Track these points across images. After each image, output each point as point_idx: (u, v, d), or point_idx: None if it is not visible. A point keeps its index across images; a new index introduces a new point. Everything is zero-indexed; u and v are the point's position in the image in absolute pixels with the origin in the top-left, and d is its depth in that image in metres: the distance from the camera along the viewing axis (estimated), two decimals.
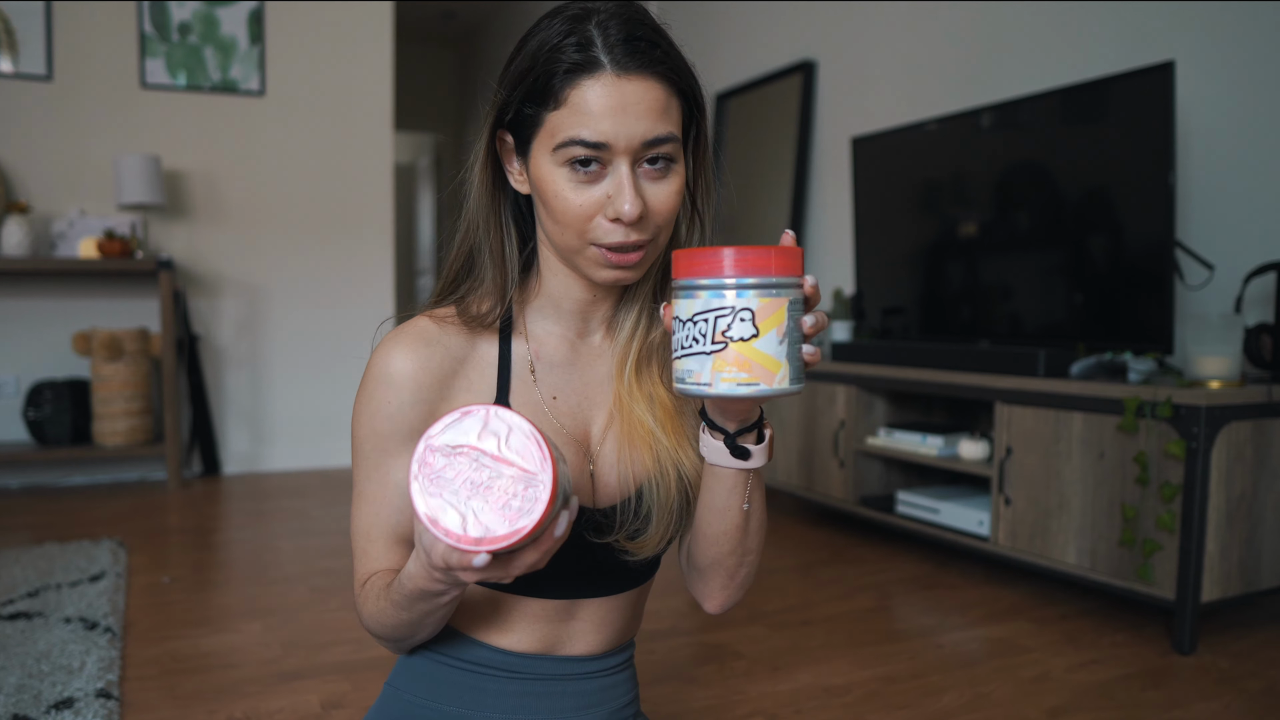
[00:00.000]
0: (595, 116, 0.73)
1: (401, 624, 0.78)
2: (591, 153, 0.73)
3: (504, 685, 0.85)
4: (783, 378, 0.63)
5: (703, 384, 0.64)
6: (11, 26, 3.38)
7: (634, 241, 0.76)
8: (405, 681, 0.88)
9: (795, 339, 0.64)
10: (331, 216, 3.91)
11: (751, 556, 0.85)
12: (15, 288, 3.46)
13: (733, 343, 0.63)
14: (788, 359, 0.64)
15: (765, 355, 0.63)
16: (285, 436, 3.86)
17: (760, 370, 0.63)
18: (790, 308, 0.64)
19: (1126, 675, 1.72)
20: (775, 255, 0.63)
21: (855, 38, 3.36)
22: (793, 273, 0.64)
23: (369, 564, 0.83)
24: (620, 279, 0.79)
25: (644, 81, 0.74)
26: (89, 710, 1.46)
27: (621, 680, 0.93)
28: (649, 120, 0.74)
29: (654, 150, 0.75)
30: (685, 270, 0.65)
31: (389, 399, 0.79)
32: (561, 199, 0.75)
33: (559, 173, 0.75)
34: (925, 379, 2.39)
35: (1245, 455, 1.83)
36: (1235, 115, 2.19)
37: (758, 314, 0.62)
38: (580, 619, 0.87)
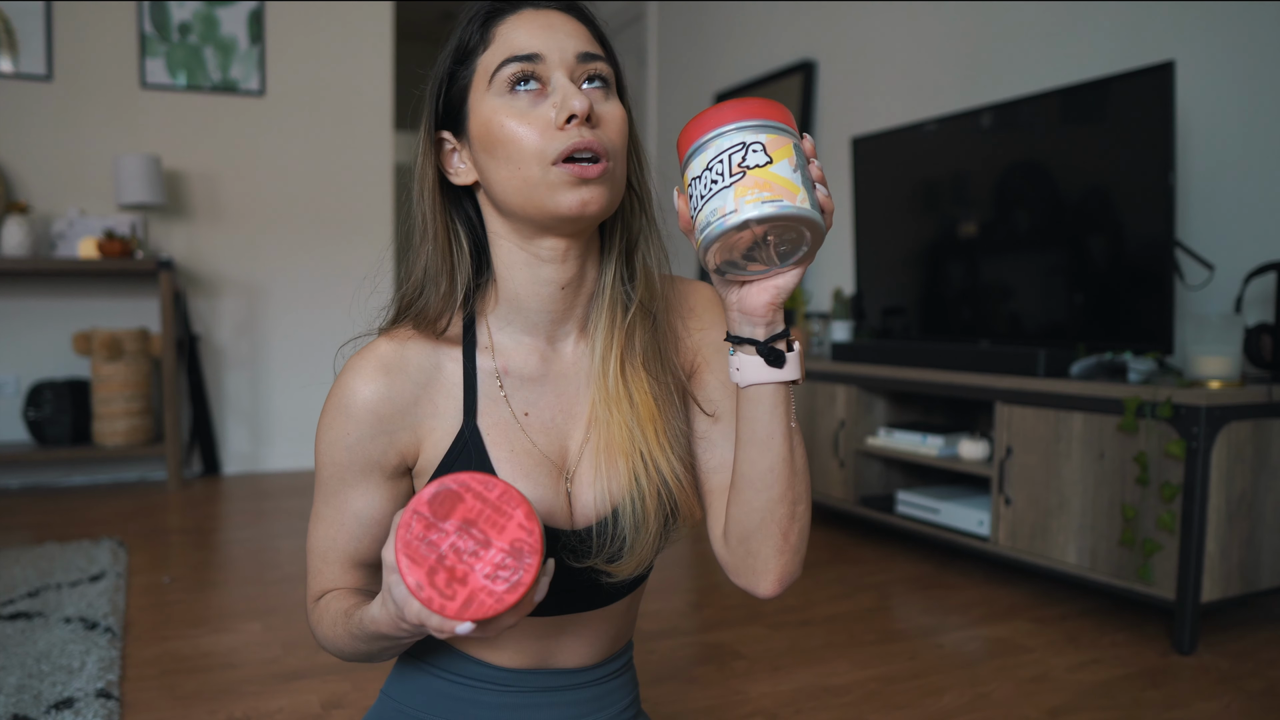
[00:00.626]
0: (523, 36, 0.73)
1: (358, 653, 0.80)
2: (526, 66, 0.72)
3: (499, 698, 0.84)
4: (803, 200, 0.63)
5: (728, 213, 0.63)
6: (11, 26, 3.38)
7: (591, 144, 0.71)
8: (400, 692, 0.87)
9: (807, 176, 0.65)
10: (331, 216, 3.91)
11: (803, 507, 0.78)
12: (15, 288, 3.46)
13: (750, 170, 0.63)
14: (804, 185, 0.64)
15: (782, 178, 0.63)
16: (285, 436, 3.86)
17: (781, 189, 0.63)
18: (796, 149, 0.65)
19: (1126, 675, 1.72)
20: (772, 105, 0.65)
21: (855, 38, 3.36)
22: (790, 123, 0.65)
23: (322, 582, 0.83)
24: (585, 201, 0.72)
25: (567, 16, 0.76)
26: (89, 710, 1.46)
27: (620, 685, 0.91)
28: (579, 38, 0.74)
29: (590, 66, 0.74)
30: (690, 136, 0.66)
31: (348, 430, 0.78)
32: (508, 128, 0.72)
33: (500, 104, 0.73)
34: (925, 379, 2.39)
35: (1245, 455, 1.83)
36: (1235, 115, 2.19)
37: (768, 145, 0.63)
38: (570, 633, 0.85)
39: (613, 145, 0.74)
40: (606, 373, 0.80)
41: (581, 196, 0.72)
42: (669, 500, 0.79)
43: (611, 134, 0.74)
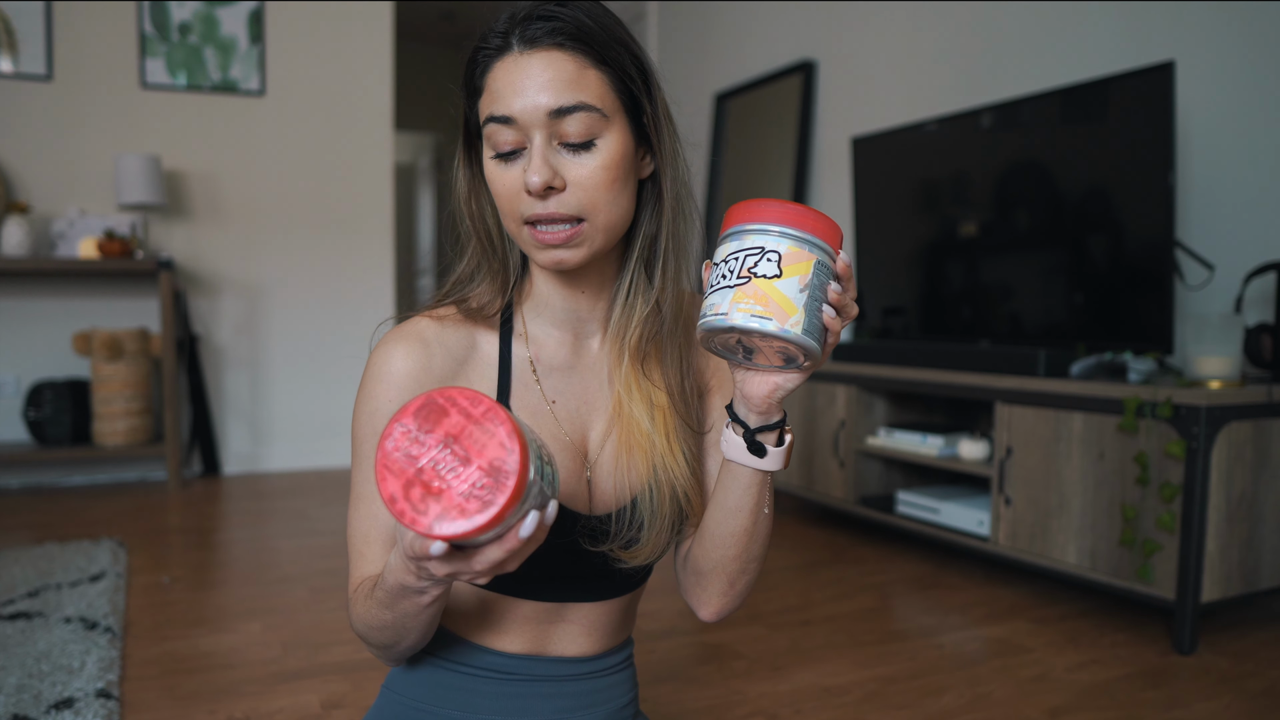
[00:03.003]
0: (503, 95, 0.75)
1: (385, 625, 0.76)
2: (503, 129, 0.75)
3: (499, 687, 0.85)
4: (796, 323, 0.63)
5: (720, 314, 0.64)
6: (11, 26, 3.38)
7: (550, 215, 0.74)
8: (402, 685, 0.88)
9: (817, 298, 0.64)
10: (331, 216, 3.91)
11: (754, 565, 0.84)
12: (15, 288, 3.46)
13: (755, 278, 0.64)
14: (805, 309, 0.64)
15: (784, 296, 0.63)
16: (285, 436, 3.86)
17: (776, 308, 0.63)
18: (818, 267, 0.64)
19: (1126, 675, 1.72)
20: (814, 216, 0.65)
21: (855, 38, 3.36)
22: (827, 239, 0.65)
23: (364, 567, 0.81)
24: (556, 261, 0.77)
25: (546, 54, 0.74)
26: (89, 710, 1.46)
27: (619, 680, 0.92)
28: (551, 91, 0.74)
29: (564, 122, 0.74)
30: (729, 219, 0.67)
31: (388, 397, 0.78)
32: (493, 182, 0.77)
33: (489, 163, 0.78)
34: (925, 379, 2.39)
35: (1245, 455, 1.83)
36: (1235, 115, 2.19)
37: (784, 258, 0.63)
38: (569, 621, 0.86)
39: (584, 203, 0.75)
40: (623, 374, 0.83)
41: (554, 257, 0.77)
42: (682, 498, 0.83)
43: (583, 193, 0.75)
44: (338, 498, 3.30)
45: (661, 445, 0.82)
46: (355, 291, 3.96)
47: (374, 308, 3.99)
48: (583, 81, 0.74)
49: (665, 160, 0.82)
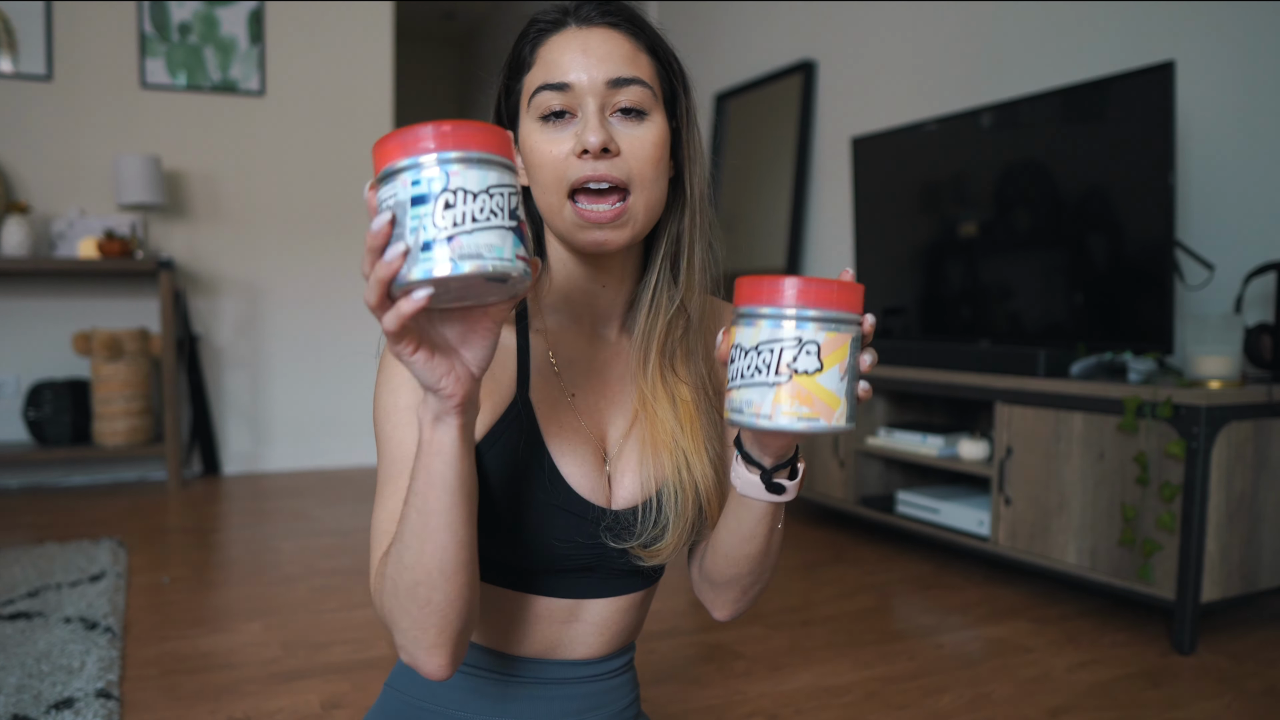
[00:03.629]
0: (559, 64, 0.76)
1: (404, 533, 0.67)
2: (557, 96, 0.75)
3: (504, 689, 0.85)
4: (841, 415, 0.62)
5: (763, 415, 0.62)
6: (11, 26, 3.38)
7: (602, 176, 0.74)
8: (405, 683, 0.88)
9: (854, 376, 0.63)
10: (331, 217, 3.91)
11: (768, 575, 0.85)
12: (15, 288, 3.46)
13: (797, 375, 0.61)
14: (846, 396, 0.62)
15: (827, 391, 0.61)
16: (285, 436, 3.86)
17: (821, 405, 0.61)
18: (852, 345, 0.63)
19: (1126, 675, 1.72)
20: (840, 290, 0.62)
21: (855, 38, 3.36)
22: (856, 309, 0.63)
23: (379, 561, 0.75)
24: (599, 241, 0.76)
25: (606, 31, 0.77)
26: (89, 710, 1.46)
27: (622, 683, 0.92)
28: (612, 62, 0.76)
29: (622, 93, 0.75)
30: (749, 297, 0.63)
31: (406, 374, 0.76)
32: (537, 152, 0.76)
33: (535, 129, 0.77)
34: (925, 379, 2.39)
35: (1245, 455, 1.83)
36: (1235, 115, 2.19)
37: (824, 348, 0.61)
38: (585, 621, 0.86)
39: (633, 173, 0.75)
40: (648, 372, 0.83)
41: (598, 237, 0.76)
42: (704, 499, 0.83)
43: (634, 163, 0.75)
44: (338, 498, 3.30)
45: (686, 444, 0.82)
46: (355, 291, 3.96)
47: None
48: (638, 61, 0.77)
49: (693, 159, 0.83)
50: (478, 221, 0.56)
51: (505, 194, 0.58)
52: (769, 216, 3.72)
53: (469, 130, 0.57)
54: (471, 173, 0.56)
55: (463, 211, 0.56)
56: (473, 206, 0.56)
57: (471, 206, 0.56)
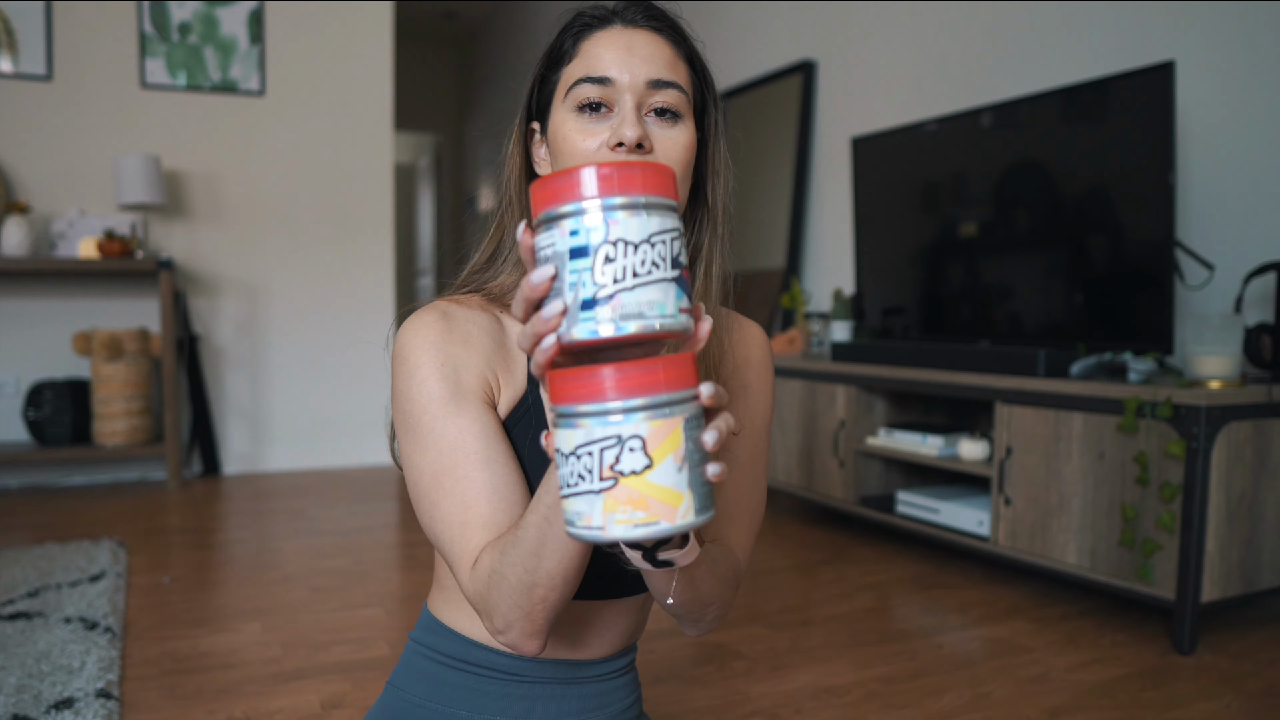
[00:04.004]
0: (602, 58, 0.77)
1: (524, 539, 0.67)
2: (597, 89, 0.76)
3: (506, 688, 0.85)
4: (686, 510, 0.54)
5: (594, 528, 0.54)
6: (11, 26, 3.38)
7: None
8: (407, 681, 0.88)
9: (696, 461, 0.55)
10: (331, 216, 3.91)
11: (713, 609, 0.79)
12: (15, 288, 3.46)
13: (623, 478, 0.53)
14: (690, 487, 0.54)
15: (662, 488, 0.53)
16: (285, 436, 3.86)
17: (659, 506, 0.53)
18: (686, 426, 0.54)
19: (1126, 675, 1.72)
20: (664, 368, 0.54)
21: (855, 38, 3.36)
22: (686, 384, 0.55)
23: (470, 535, 0.72)
24: None
25: (650, 34, 0.79)
26: (89, 710, 1.46)
27: (624, 683, 0.92)
28: (654, 64, 0.77)
29: (660, 94, 0.76)
30: (562, 395, 0.55)
31: (437, 360, 0.76)
32: (569, 141, 0.77)
33: (570, 119, 0.77)
34: (925, 379, 2.39)
35: (1245, 455, 1.83)
36: (1235, 115, 2.19)
37: (649, 440, 0.53)
38: (592, 624, 0.86)
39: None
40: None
41: None
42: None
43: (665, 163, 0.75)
44: (338, 498, 3.30)
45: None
46: (355, 291, 3.96)
47: (374, 308, 3.99)
48: (677, 67, 0.79)
49: (718, 172, 0.83)
50: (639, 276, 0.53)
51: (668, 240, 0.55)
52: (769, 216, 3.72)
53: (631, 172, 0.53)
54: (633, 221, 0.53)
55: (623, 265, 0.53)
56: (634, 260, 0.53)
57: (633, 260, 0.53)
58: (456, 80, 7.96)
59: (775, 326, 3.61)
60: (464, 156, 7.79)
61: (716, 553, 0.78)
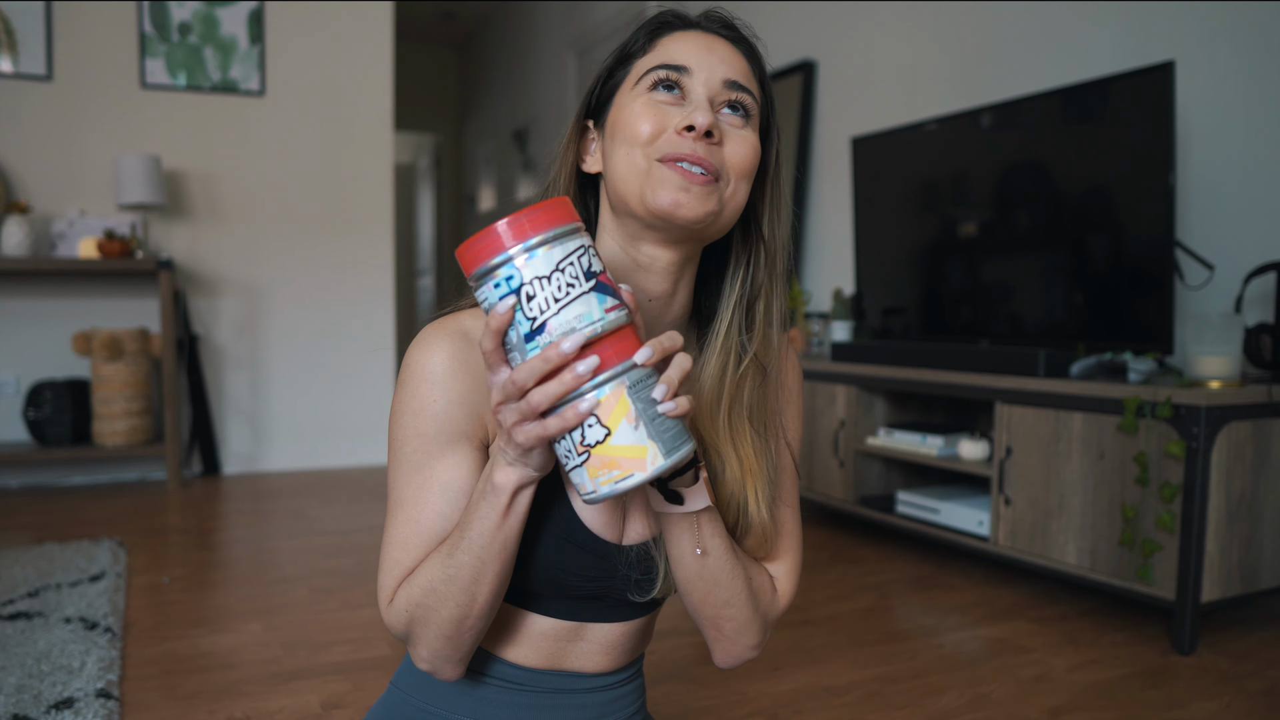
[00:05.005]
0: (681, 52, 0.76)
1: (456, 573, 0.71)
2: (673, 74, 0.75)
3: (510, 696, 0.84)
4: (654, 457, 0.62)
5: (588, 493, 0.64)
6: (11, 26, 3.38)
7: (701, 159, 0.72)
8: (409, 684, 0.87)
9: (652, 415, 0.62)
10: (331, 216, 3.91)
11: (731, 610, 0.80)
12: (15, 288, 3.46)
13: (593, 449, 0.62)
14: (652, 437, 0.62)
15: (625, 447, 0.62)
16: (285, 436, 3.86)
17: (629, 462, 0.62)
18: (632, 391, 0.62)
19: (1126, 675, 1.72)
20: (601, 345, 0.62)
21: (855, 38, 3.36)
22: (624, 356, 0.62)
23: (399, 573, 0.76)
24: (676, 203, 0.72)
25: (730, 45, 0.78)
26: (89, 710, 1.46)
27: (629, 691, 0.92)
28: (732, 67, 0.77)
29: (733, 94, 0.76)
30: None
31: (433, 396, 0.75)
32: (636, 116, 0.75)
33: (639, 99, 0.76)
34: (925, 379, 2.39)
35: (1245, 455, 1.83)
36: (1235, 115, 2.19)
37: (601, 413, 0.61)
38: (588, 640, 0.85)
39: (727, 168, 0.75)
40: (716, 418, 0.79)
41: (676, 198, 0.72)
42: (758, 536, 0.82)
43: (731, 157, 0.75)
44: (338, 498, 3.30)
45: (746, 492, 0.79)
46: (355, 291, 3.97)
47: (374, 308, 3.99)
48: (751, 79, 0.78)
49: (777, 207, 0.81)
50: (560, 300, 0.61)
51: (575, 260, 0.62)
52: None
53: (520, 221, 0.61)
54: (541, 259, 0.61)
55: (544, 297, 0.61)
56: (550, 290, 0.61)
57: (550, 290, 0.61)
58: (456, 80, 7.96)
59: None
60: (464, 156, 7.79)
61: (739, 551, 0.80)
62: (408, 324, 8.18)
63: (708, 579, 0.77)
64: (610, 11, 4.91)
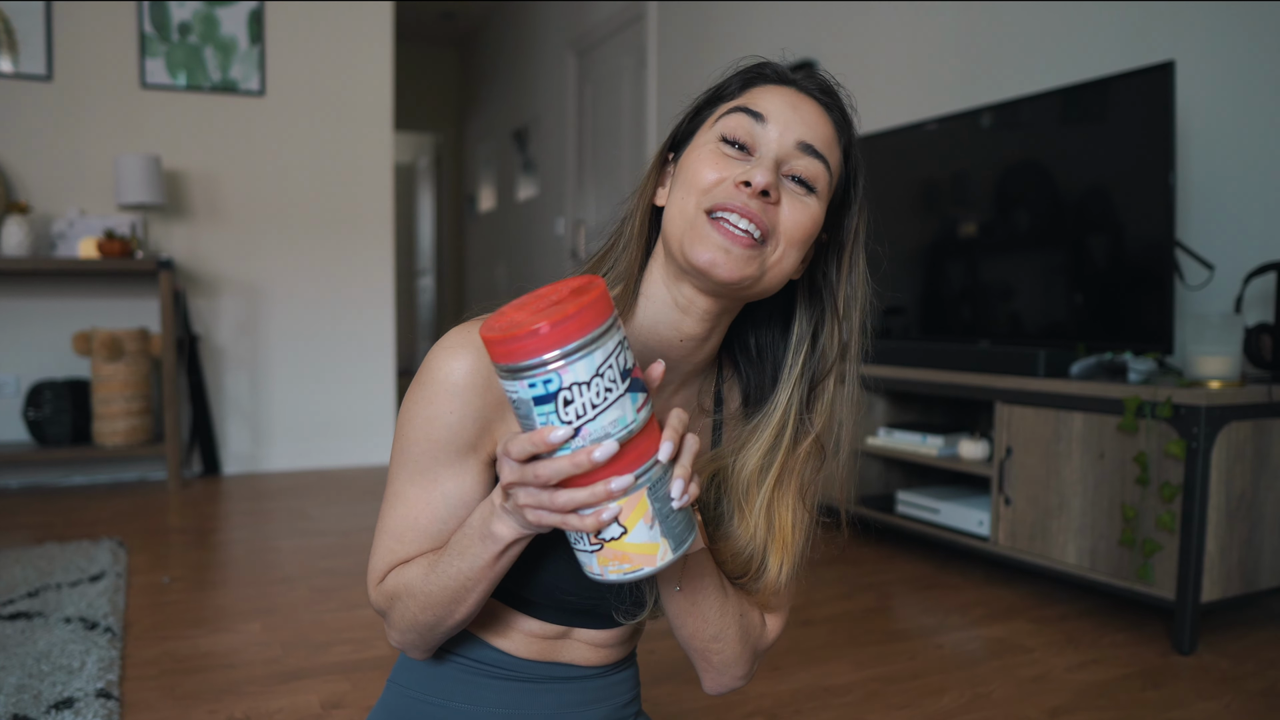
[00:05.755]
0: (765, 103, 0.75)
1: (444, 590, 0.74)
2: (748, 122, 0.74)
3: (503, 683, 0.86)
4: (664, 554, 0.64)
5: (595, 573, 0.65)
6: (11, 26, 3.38)
7: (752, 214, 0.71)
8: (407, 677, 0.89)
9: (666, 513, 0.64)
10: (331, 216, 3.91)
11: (719, 644, 0.81)
12: (15, 288, 3.46)
13: (606, 543, 0.64)
14: (664, 535, 0.64)
15: (638, 545, 0.64)
16: (285, 436, 3.86)
17: (640, 558, 0.64)
18: (651, 493, 0.63)
19: (1126, 675, 1.72)
20: (630, 445, 0.62)
21: (855, 38, 3.36)
22: (648, 454, 0.63)
23: (391, 560, 0.78)
24: (712, 261, 0.71)
25: (819, 107, 0.77)
26: (89, 710, 1.46)
27: (623, 679, 0.93)
28: (812, 129, 0.75)
29: (804, 160, 0.74)
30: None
31: (450, 408, 0.73)
32: (700, 162, 0.75)
33: (709, 145, 0.76)
34: (925, 379, 2.39)
35: (1245, 455, 1.83)
36: (1235, 115, 2.19)
37: (623, 514, 0.62)
38: (577, 639, 0.87)
39: (778, 230, 0.73)
40: (758, 486, 0.80)
41: (714, 256, 0.71)
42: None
43: (786, 221, 0.73)
44: (338, 498, 3.30)
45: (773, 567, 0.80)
46: (355, 291, 3.96)
47: (374, 308, 3.99)
48: (831, 148, 0.77)
49: (855, 286, 0.82)
50: (597, 406, 0.60)
51: (613, 363, 0.60)
52: None
53: (566, 323, 0.58)
54: (581, 364, 0.58)
55: (582, 403, 0.59)
56: (589, 395, 0.59)
57: (588, 395, 0.59)
58: (456, 80, 7.96)
59: None
60: (464, 156, 7.79)
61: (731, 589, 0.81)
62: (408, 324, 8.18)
63: (697, 615, 0.79)
64: (610, 11, 4.91)
